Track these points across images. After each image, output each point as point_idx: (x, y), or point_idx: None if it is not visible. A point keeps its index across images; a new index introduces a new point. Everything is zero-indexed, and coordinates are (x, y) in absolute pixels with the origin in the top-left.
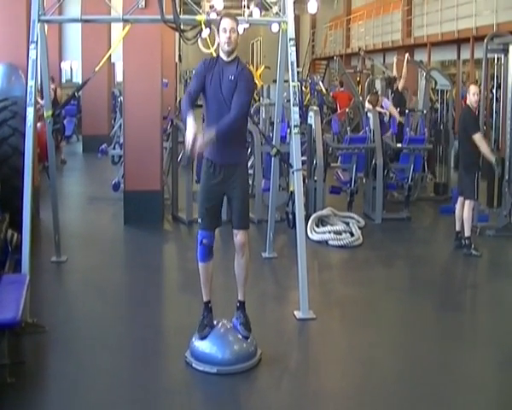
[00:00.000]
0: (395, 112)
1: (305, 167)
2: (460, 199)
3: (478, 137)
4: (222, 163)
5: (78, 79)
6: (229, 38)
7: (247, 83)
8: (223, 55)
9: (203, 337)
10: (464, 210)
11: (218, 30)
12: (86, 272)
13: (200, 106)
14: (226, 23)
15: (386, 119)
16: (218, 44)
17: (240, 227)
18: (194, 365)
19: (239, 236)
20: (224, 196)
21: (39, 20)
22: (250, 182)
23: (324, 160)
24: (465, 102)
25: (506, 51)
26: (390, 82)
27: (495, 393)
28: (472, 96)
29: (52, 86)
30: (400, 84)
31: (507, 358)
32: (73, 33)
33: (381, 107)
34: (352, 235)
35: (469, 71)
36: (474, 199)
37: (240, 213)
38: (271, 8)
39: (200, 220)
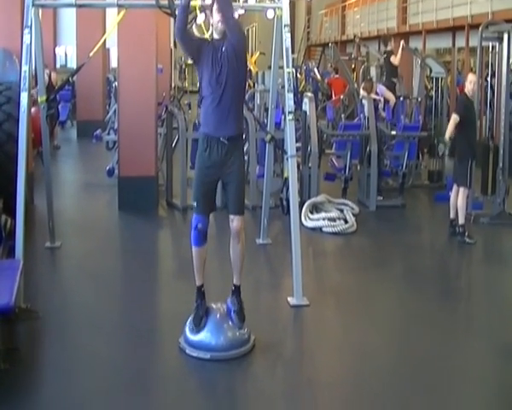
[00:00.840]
0: (390, 95)
1: (300, 154)
2: (455, 187)
3: (453, 118)
4: (220, 135)
5: (72, 64)
6: (224, 16)
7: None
8: (216, 35)
9: (199, 330)
10: (458, 198)
11: (211, 10)
12: (80, 258)
13: (196, 92)
14: None
15: (380, 106)
16: (212, 25)
17: (236, 212)
18: (187, 351)
19: (235, 221)
20: (219, 179)
21: (33, 5)
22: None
23: (319, 146)
24: (461, 90)
25: (501, 39)
26: (385, 45)
27: (491, 382)
28: (468, 83)
29: (47, 71)
30: (393, 58)
31: (502, 347)
32: (68, 18)
33: (376, 93)
34: (346, 222)
35: (464, 59)
36: (468, 187)
37: (236, 197)
38: None
39: (195, 204)
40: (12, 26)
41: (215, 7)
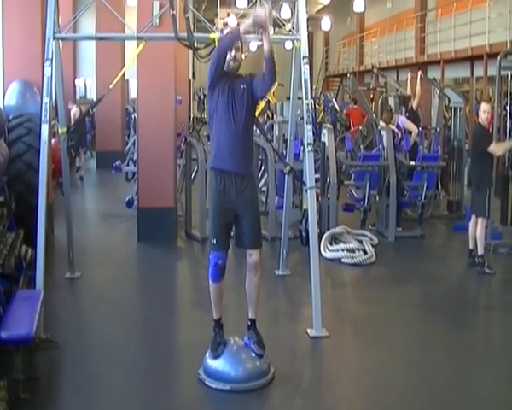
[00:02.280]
0: (412, 126)
1: (319, 185)
2: (473, 217)
3: (493, 147)
4: (230, 172)
5: (92, 95)
6: (235, 56)
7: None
8: (227, 70)
9: (217, 356)
10: (477, 228)
11: (231, 49)
12: (100, 289)
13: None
14: None
15: (397, 140)
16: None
17: (254, 247)
18: (207, 382)
19: (254, 255)
20: (234, 214)
21: (54, 38)
22: (263, 199)
23: (338, 177)
24: (477, 119)
25: None
26: (404, 100)
27: None
28: (482, 113)
29: (76, 108)
30: (415, 103)
31: None
32: (87, 50)
33: (397, 126)
34: (365, 253)
35: (483, 88)
36: (487, 217)
37: (253, 231)
38: (284, 25)
39: (214, 241)
40: (32, 59)
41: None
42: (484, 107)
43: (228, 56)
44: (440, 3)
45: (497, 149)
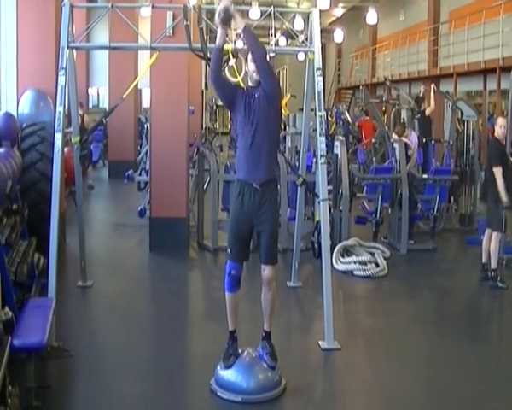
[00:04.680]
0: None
1: (331, 197)
2: (487, 231)
3: (496, 171)
4: (253, 180)
5: (104, 104)
6: (258, 67)
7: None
8: (251, 83)
9: (228, 367)
10: (491, 242)
11: (246, 59)
12: (112, 298)
13: (227, 133)
14: None
15: (409, 152)
16: (246, 73)
17: (268, 262)
18: (219, 393)
19: (267, 271)
20: (253, 227)
21: (68, 47)
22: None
23: (350, 190)
24: (493, 133)
25: None
26: (417, 100)
27: None
28: (499, 128)
29: (80, 112)
30: (427, 110)
31: None
32: (101, 60)
33: (409, 140)
34: (377, 265)
35: (496, 101)
36: (501, 231)
37: (268, 247)
38: (297, 36)
39: (229, 251)
40: (46, 68)
41: (249, 57)
42: (500, 121)
43: (251, 68)
44: (453, 16)
45: (498, 178)
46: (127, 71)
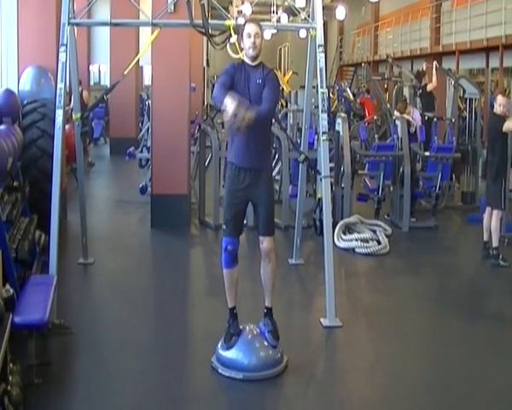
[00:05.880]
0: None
1: (333, 174)
2: (488, 209)
3: (507, 124)
4: (246, 167)
5: (106, 82)
6: (254, 42)
7: (275, 82)
8: (248, 60)
9: (229, 347)
10: (492, 220)
11: (242, 35)
12: (113, 275)
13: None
14: (250, 28)
15: (412, 129)
16: (242, 49)
17: (266, 234)
18: (220, 370)
19: (265, 242)
20: (248, 201)
21: (69, 24)
22: (277, 188)
23: (352, 167)
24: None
25: None
26: (418, 76)
27: None
28: (498, 106)
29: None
30: (429, 86)
31: None
32: (102, 37)
33: (412, 118)
34: (379, 243)
35: (498, 79)
36: (502, 209)
37: (265, 219)
38: (299, 13)
39: (224, 227)
40: (47, 45)
41: (245, 33)
42: (500, 100)
43: (247, 43)
44: None
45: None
46: (128, 48)
